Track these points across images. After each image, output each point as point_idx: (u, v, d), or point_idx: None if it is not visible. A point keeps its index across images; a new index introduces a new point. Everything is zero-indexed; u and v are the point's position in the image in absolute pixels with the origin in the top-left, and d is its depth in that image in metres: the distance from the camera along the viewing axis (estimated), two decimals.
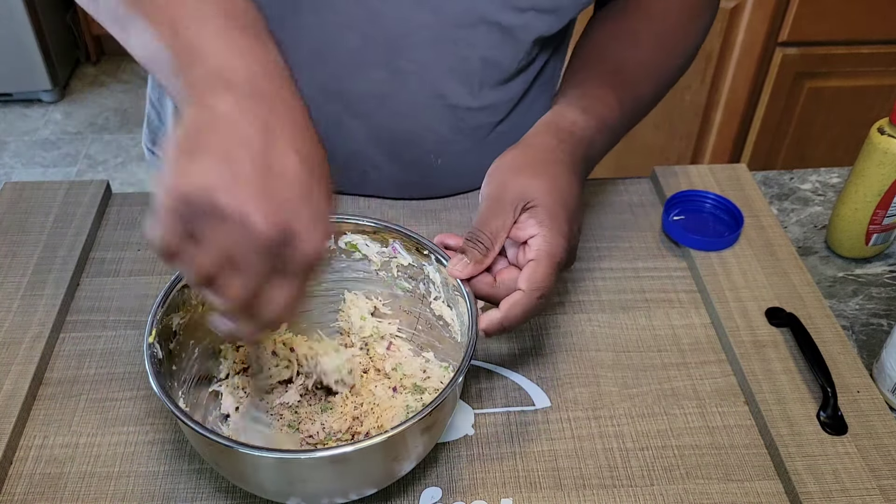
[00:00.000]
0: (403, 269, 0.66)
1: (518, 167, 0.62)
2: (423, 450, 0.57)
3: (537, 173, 0.61)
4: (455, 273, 0.60)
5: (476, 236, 0.60)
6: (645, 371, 0.69)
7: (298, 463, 0.51)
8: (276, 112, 0.46)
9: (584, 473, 0.61)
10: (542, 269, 0.58)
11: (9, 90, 2.68)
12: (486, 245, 0.59)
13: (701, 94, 1.68)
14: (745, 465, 0.62)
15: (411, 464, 0.57)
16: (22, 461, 0.61)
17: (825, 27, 1.57)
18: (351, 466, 0.53)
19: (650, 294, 0.76)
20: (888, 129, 0.74)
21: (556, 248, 0.58)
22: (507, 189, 0.60)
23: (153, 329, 0.56)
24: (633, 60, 0.74)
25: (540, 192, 0.60)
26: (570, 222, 0.60)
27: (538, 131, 0.65)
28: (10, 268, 0.76)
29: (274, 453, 0.51)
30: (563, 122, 0.66)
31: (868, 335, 0.74)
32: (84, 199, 0.83)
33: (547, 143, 0.64)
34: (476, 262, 0.59)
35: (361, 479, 0.55)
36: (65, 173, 2.47)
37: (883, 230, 0.79)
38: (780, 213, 0.87)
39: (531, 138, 0.65)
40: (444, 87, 0.76)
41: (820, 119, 1.71)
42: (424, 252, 0.63)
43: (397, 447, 0.53)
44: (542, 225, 0.59)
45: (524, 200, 0.60)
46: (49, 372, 0.68)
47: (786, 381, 0.67)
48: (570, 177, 0.63)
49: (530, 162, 0.62)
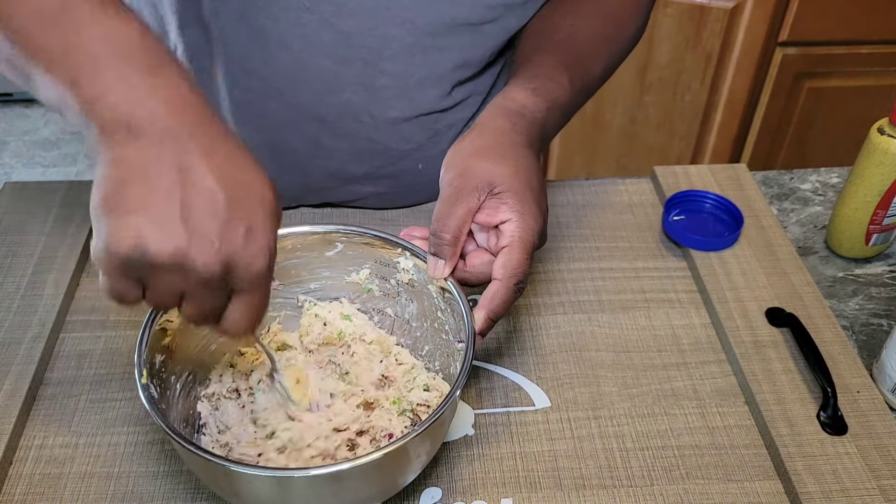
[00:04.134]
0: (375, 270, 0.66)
1: (478, 152, 0.61)
2: (425, 460, 0.57)
3: (499, 158, 0.61)
4: (438, 275, 0.61)
5: (441, 232, 0.60)
6: (645, 371, 0.69)
7: (291, 482, 0.50)
8: (186, 148, 0.46)
9: (584, 473, 0.61)
10: (517, 256, 0.58)
11: (9, 90, 2.68)
12: (454, 236, 0.59)
13: (701, 95, 1.68)
14: (745, 466, 0.62)
15: (413, 475, 0.57)
16: (22, 461, 0.61)
17: (825, 27, 1.57)
18: (346, 484, 0.52)
19: (650, 294, 0.76)
20: (888, 129, 0.74)
21: (528, 234, 0.59)
22: (470, 174, 0.60)
23: (143, 369, 0.54)
24: (583, 36, 0.73)
25: (505, 177, 0.60)
26: (539, 204, 0.61)
27: (491, 115, 0.65)
28: (10, 268, 0.76)
29: (267, 471, 0.50)
30: (513, 105, 0.65)
31: (868, 335, 0.74)
32: (84, 199, 0.82)
33: (501, 127, 0.63)
34: (450, 258, 0.60)
35: (358, 495, 0.55)
36: (65, 173, 2.47)
37: (883, 230, 0.79)
38: (780, 213, 0.87)
39: (485, 122, 0.64)
40: (419, 96, 0.76)
41: (820, 119, 1.71)
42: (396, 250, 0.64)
43: (397, 461, 0.53)
44: (513, 210, 0.59)
45: (490, 186, 0.59)
46: (49, 372, 0.68)
47: (786, 381, 0.67)
48: (530, 158, 0.62)
49: (490, 146, 0.62)
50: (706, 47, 1.60)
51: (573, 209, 0.85)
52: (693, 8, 1.56)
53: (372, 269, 0.66)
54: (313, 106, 0.75)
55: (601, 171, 1.83)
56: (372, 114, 0.76)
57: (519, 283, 0.59)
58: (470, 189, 0.59)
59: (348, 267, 0.66)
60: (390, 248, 0.64)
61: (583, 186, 0.88)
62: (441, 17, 0.70)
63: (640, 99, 1.71)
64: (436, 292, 0.63)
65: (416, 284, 0.65)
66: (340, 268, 0.67)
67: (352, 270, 0.67)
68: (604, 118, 1.75)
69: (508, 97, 0.66)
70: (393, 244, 0.64)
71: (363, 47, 0.71)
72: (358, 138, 0.78)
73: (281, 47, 0.70)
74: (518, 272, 0.58)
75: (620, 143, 1.79)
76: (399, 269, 0.65)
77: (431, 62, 0.74)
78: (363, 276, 0.67)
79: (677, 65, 1.64)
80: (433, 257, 0.61)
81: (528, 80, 0.68)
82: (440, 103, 0.77)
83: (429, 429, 0.51)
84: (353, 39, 0.70)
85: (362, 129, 0.77)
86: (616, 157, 1.81)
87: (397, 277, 0.65)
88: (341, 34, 0.70)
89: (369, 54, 0.71)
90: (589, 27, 0.74)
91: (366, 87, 0.74)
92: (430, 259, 0.61)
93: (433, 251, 0.61)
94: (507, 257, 0.59)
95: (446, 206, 0.60)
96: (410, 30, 0.70)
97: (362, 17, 0.69)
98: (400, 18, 0.69)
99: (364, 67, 0.72)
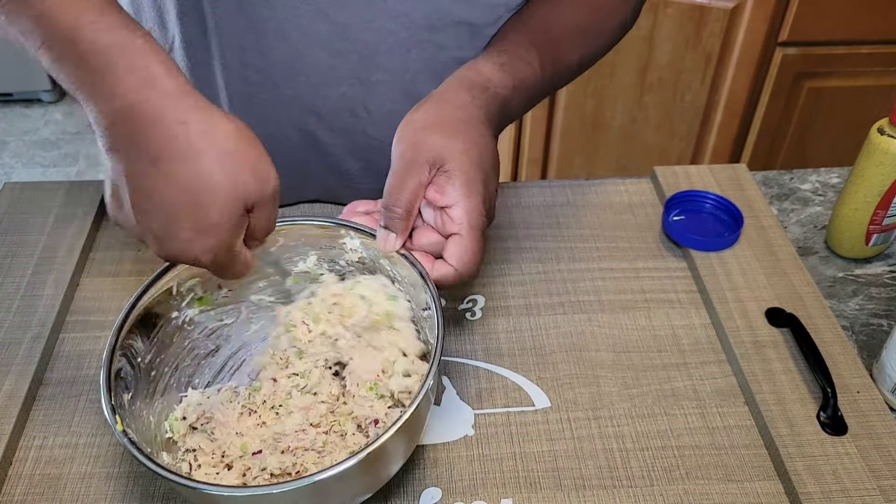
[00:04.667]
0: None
1: (431, 125, 0.61)
2: (404, 454, 0.56)
3: (451, 133, 0.60)
4: (388, 249, 0.60)
5: (393, 206, 0.59)
6: (645, 371, 0.69)
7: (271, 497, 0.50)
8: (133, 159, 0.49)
9: (584, 474, 0.61)
10: (468, 244, 0.59)
11: (9, 90, 2.68)
12: (406, 210, 0.60)
13: (701, 95, 1.68)
14: (745, 466, 0.62)
15: (396, 467, 0.57)
16: (21, 462, 0.61)
17: (825, 27, 1.57)
18: (328, 490, 0.52)
19: (650, 294, 0.76)
20: (888, 129, 0.74)
21: (476, 218, 0.59)
22: (422, 148, 0.60)
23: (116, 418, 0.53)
24: (561, 23, 0.72)
25: (455, 154, 0.59)
26: (487, 184, 0.60)
27: (451, 86, 0.64)
28: (10, 268, 0.76)
29: (245, 490, 0.51)
30: (477, 78, 0.65)
31: (868, 335, 0.74)
32: (84, 199, 0.83)
33: (460, 99, 0.63)
34: (402, 231, 0.60)
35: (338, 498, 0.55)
36: (65, 173, 2.46)
37: (883, 230, 0.79)
38: (780, 213, 0.87)
39: (444, 93, 0.64)
40: (415, 91, 0.75)
41: (820, 119, 1.71)
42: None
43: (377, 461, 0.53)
44: (459, 193, 0.59)
45: (439, 162, 0.59)
46: (49, 372, 0.68)
47: (786, 382, 0.67)
48: (485, 135, 0.62)
49: (444, 120, 0.61)
50: (706, 47, 1.60)
51: (573, 209, 0.85)
52: (693, 8, 1.56)
53: (319, 255, 0.66)
54: (309, 99, 0.75)
55: (601, 171, 1.83)
56: (367, 108, 0.76)
57: (472, 267, 0.60)
58: (421, 162, 0.59)
59: (294, 258, 0.66)
60: (332, 231, 0.64)
61: (583, 186, 0.88)
62: (438, 12, 0.70)
63: (640, 99, 1.71)
64: (388, 265, 0.63)
65: (367, 261, 0.65)
66: (286, 260, 0.66)
67: (298, 260, 0.66)
68: (604, 118, 1.75)
69: (474, 69, 0.65)
70: (334, 227, 0.63)
71: (359, 40, 0.71)
72: (354, 132, 0.78)
73: (278, 38, 0.70)
74: (471, 259, 0.59)
75: (620, 143, 1.79)
76: (347, 249, 0.65)
77: (428, 58, 0.73)
78: (311, 264, 0.66)
79: (677, 65, 1.64)
80: (384, 230, 0.60)
81: (498, 54, 0.67)
82: None
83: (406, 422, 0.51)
84: (349, 32, 0.70)
85: (358, 123, 0.77)
86: (616, 157, 1.81)
87: (345, 258, 0.65)
88: (337, 26, 0.70)
89: (365, 48, 0.71)
90: (567, 16, 0.73)
91: (361, 80, 0.74)
92: (381, 232, 0.61)
93: (384, 224, 0.60)
94: (458, 245, 0.59)
95: (398, 179, 0.60)
96: (406, 24, 0.70)
97: (358, 10, 0.69)
98: (395, 12, 0.69)
99: (359, 61, 0.72)
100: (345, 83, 0.74)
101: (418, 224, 0.62)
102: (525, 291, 0.76)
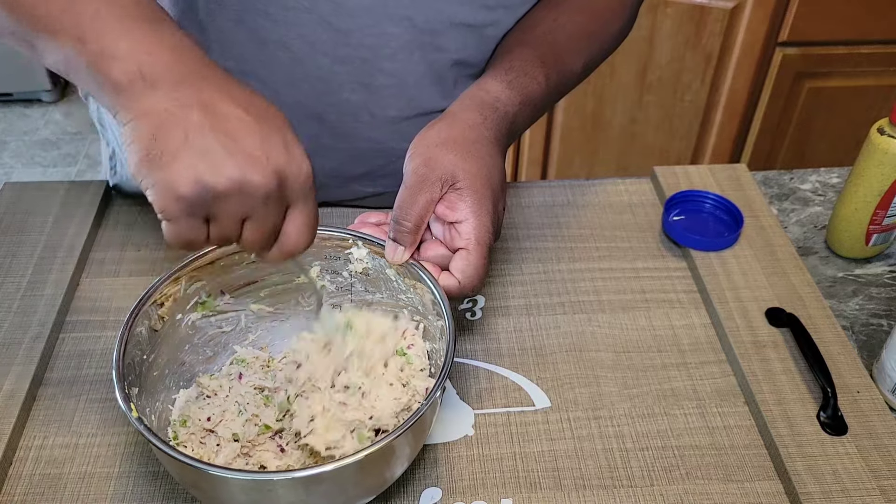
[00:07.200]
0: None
1: (444, 143, 0.62)
2: (410, 454, 0.56)
3: (464, 152, 0.62)
4: (396, 260, 0.62)
5: (403, 219, 0.60)
6: (645, 371, 0.69)
7: (273, 484, 0.50)
8: (202, 88, 0.48)
9: (584, 474, 0.61)
10: (474, 258, 0.60)
11: (9, 90, 2.68)
12: (416, 224, 0.61)
13: (701, 95, 1.68)
14: (745, 466, 0.62)
15: (401, 469, 0.57)
16: (21, 461, 0.61)
17: (825, 27, 1.57)
18: (326, 486, 0.52)
19: (650, 294, 0.76)
20: (888, 129, 0.74)
21: (484, 235, 0.60)
22: (435, 165, 0.61)
23: (131, 405, 0.53)
24: (565, 31, 0.73)
25: (468, 173, 0.61)
26: (496, 202, 0.62)
27: (463, 105, 0.66)
28: (10, 268, 0.76)
29: (246, 475, 0.51)
30: (487, 97, 0.66)
31: (868, 335, 0.74)
32: (84, 199, 0.83)
33: (472, 119, 0.64)
34: (410, 245, 0.61)
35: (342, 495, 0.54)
36: (65, 173, 2.47)
37: (883, 230, 0.79)
38: (780, 213, 0.87)
39: (456, 112, 0.65)
40: (418, 95, 0.76)
41: (820, 119, 1.71)
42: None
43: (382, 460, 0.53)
44: (470, 210, 0.60)
45: (452, 179, 0.61)
46: (49, 372, 0.68)
47: (786, 382, 0.67)
48: (495, 154, 0.64)
49: (457, 138, 0.62)
50: (706, 47, 1.60)
51: (573, 209, 0.85)
52: (693, 8, 1.56)
53: (322, 265, 0.66)
54: (312, 105, 0.75)
55: (601, 171, 1.83)
56: (371, 113, 0.76)
57: (477, 282, 0.61)
58: (434, 179, 0.60)
59: (296, 269, 0.65)
60: (339, 241, 0.64)
61: (583, 186, 0.88)
62: (439, 15, 0.70)
63: (640, 99, 1.71)
64: (394, 275, 0.64)
65: (371, 272, 0.65)
66: (288, 270, 0.66)
67: (300, 272, 0.66)
68: (604, 118, 1.75)
69: (483, 88, 0.67)
70: (341, 237, 0.64)
71: (361, 46, 0.71)
72: (357, 138, 0.78)
73: (279, 47, 0.70)
74: (476, 274, 0.60)
75: (620, 143, 1.79)
76: (352, 259, 0.65)
77: (430, 61, 0.73)
78: (314, 275, 0.66)
79: (677, 65, 1.64)
80: (393, 243, 0.61)
81: (505, 72, 0.68)
82: (439, 102, 0.77)
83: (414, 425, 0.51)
84: (352, 38, 0.70)
85: (361, 128, 0.77)
86: (616, 157, 1.81)
87: (349, 269, 0.66)
88: (339, 33, 0.70)
89: (368, 53, 0.71)
90: (571, 23, 0.74)
91: (364, 85, 0.74)
92: (390, 244, 0.62)
93: (393, 237, 0.61)
94: (465, 261, 0.60)
95: (409, 193, 0.61)
96: (408, 28, 0.70)
97: (360, 16, 0.69)
98: (398, 16, 0.69)
99: (362, 66, 0.72)
100: (347, 89, 0.74)
101: (427, 238, 0.63)
102: (525, 291, 0.76)
